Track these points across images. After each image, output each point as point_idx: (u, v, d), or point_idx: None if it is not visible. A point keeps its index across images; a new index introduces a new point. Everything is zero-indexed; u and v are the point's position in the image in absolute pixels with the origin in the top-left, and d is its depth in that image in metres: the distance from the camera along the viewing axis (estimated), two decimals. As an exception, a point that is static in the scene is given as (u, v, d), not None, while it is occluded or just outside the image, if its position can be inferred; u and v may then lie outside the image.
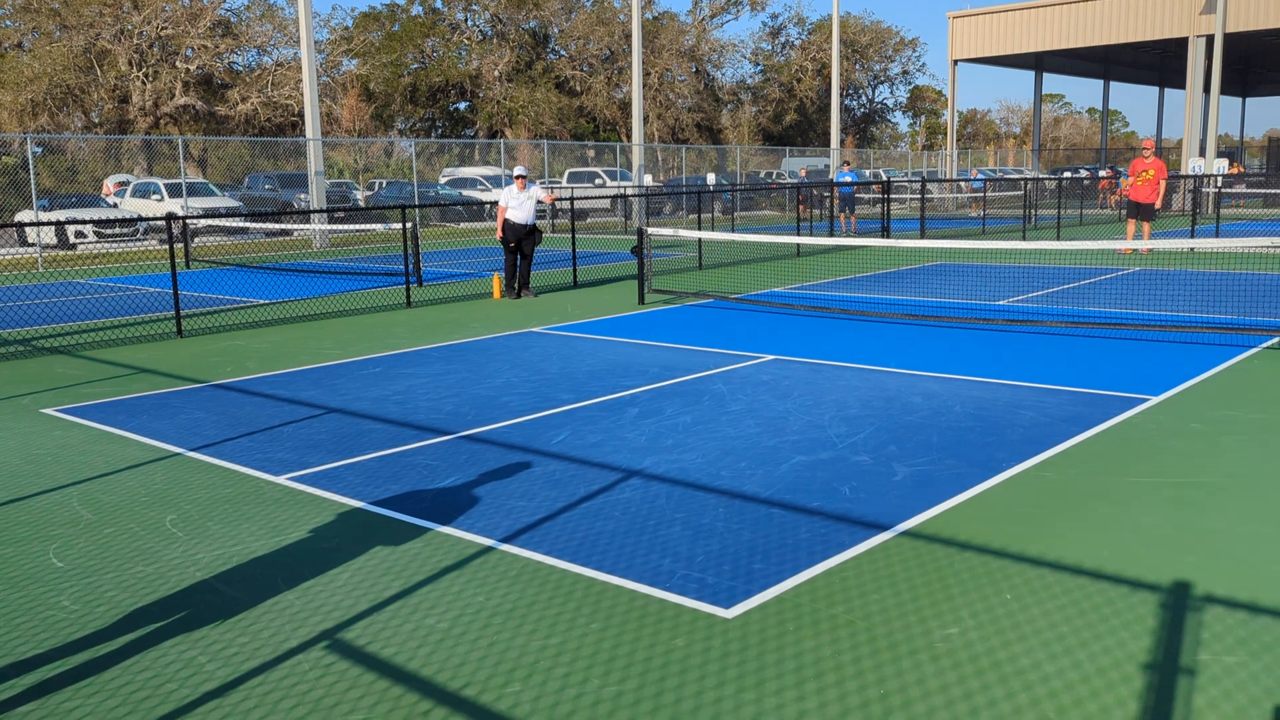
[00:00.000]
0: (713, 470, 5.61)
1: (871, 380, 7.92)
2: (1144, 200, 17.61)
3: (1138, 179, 17.58)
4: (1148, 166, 17.51)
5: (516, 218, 13.86)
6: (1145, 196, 17.58)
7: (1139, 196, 17.65)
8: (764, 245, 20.35)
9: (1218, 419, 6.53)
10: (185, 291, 14.89)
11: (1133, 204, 17.79)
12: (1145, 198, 17.59)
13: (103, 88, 36.11)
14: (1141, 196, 17.61)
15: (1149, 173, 17.49)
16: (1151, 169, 17.48)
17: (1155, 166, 17.51)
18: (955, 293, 13.23)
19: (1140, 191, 17.62)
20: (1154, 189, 17.47)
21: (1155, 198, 17.56)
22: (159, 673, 3.49)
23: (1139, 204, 17.67)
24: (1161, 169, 17.53)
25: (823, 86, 56.40)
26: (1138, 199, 17.69)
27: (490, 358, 9.30)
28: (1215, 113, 32.67)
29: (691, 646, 3.59)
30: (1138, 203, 17.69)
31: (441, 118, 53.30)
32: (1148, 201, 17.56)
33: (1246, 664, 3.37)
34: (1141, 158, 17.72)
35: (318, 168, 23.61)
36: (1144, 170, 17.53)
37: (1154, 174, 17.47)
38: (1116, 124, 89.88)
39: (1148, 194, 17.55)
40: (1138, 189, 17.63)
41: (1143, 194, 17.60)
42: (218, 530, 4.88)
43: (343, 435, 6.57)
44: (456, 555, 4.49)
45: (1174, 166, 51.91)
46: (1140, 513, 4.84)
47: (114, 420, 7.14)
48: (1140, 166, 17.60)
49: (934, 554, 4.37)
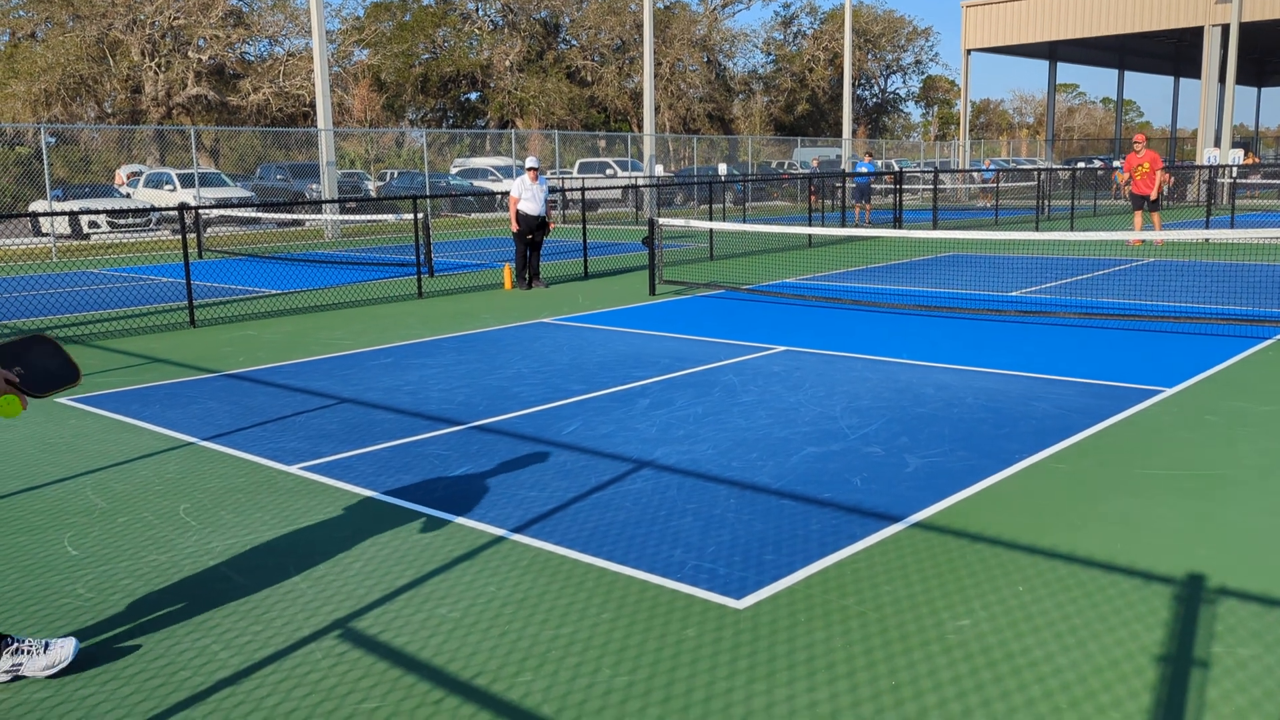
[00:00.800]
0: (724, 461, 5.61)
1: (883, 371, 7.89)
2: (1145, 193, 17.88)
3: (1135, 174, 17.86)
4: (1142, 160, 17.96)
5: (529, 209, 13.86)
6: (1146, 189, 17.84)
7: (1141, 190, 17.92)
8: (776, 236, 20.30)
9: (1232, 411, 6.49)
10: (198, 281, 14.95)
11: (1136, 198, 18.02)
12: (1146, 190, 17.86)
13: (115, 78, 36.21)
14: (1143, 190, 17.88)
15: (1145, 166, 17.94)
16: (1146, 162, 17.94)
17: (1150, 159, 17.96)
18: (968, 284, 13.17)
19: (1141, 186, 17.92)
20: (1151, 181, 17.73)
21: (1153, 189, 17.85)
22: (173, 660, 3.52)
23: (1142, 197, 17.91)
24: (1156, 160, 17.96)
25: (835, 76, 56.14)
26: (1140, 193, 17.96)
27: (501, 348, 9.31)
28: (1230, 103, 32.39)
29: (702, 637, 3.59)
30: (1141, 196, 17.94)
31: (453, 108, 53.27)
32: (1147, 193, 17.82)
33: (1260, 656, 3.35)
34: (1134, 152, 18.05)
35: (329, 158, 23.65)
36: (1139, 164, 17.92)
37: (1149, 166, 17.85)
38: (1131, 114, 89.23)
39: (1148, 187, 17.83)
40: (1138, 184, 17.93)
41: (1143, 187, 17.88)
42: (230, 519, 4.90)
43: (354, 425, 6.59)
44: (468, 545, 4.50)
45: (1189, 157, 51.52)
46: (1154, 505, 4.82)
47: (128, 410, 7.17)
48: (1135, 161, 18.05)
49: (946, 545, 4.36)
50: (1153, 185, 17.79)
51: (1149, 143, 18.63)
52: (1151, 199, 17.83)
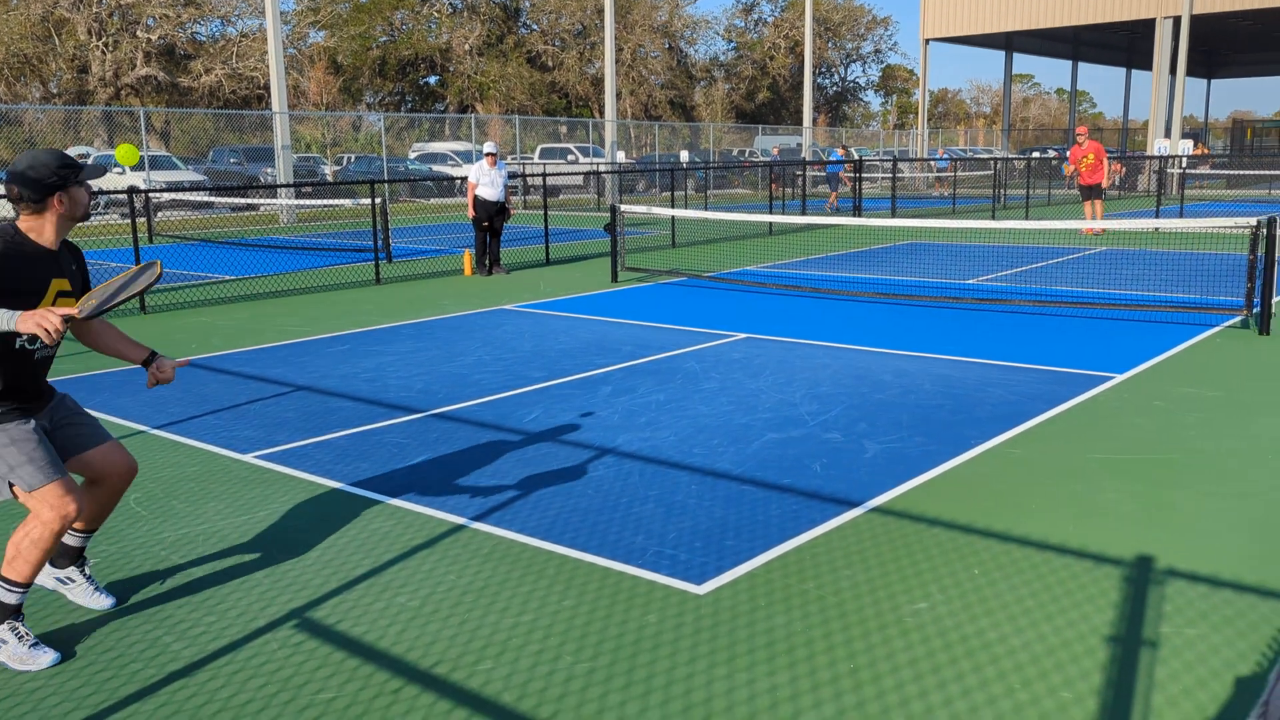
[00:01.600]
0: (685, 448, 5.62)
1: (843, 358, 7.95)
2: (1093, 183, 18.32)
3: (1080, 165, 18.28)
4: (1086, 152, 18.45)
5: (487, 195, 13.75)
6: (1095, 179, 18.29)
7: (1088, 180, 18.34)
8: (737, 223, 20.34)
9: (1180, 396, 6.62)
10: (149, 267, 14.63)
11: (1084, 188, 18.45)
12: (1095, 180, 18.32)
13: (61, 57, 35.30)
14: (1090, 180, 18.31)
15: (1089, 157, 18.41)
16: (1091, 153, 18.43)
17: (1093, 150, 18.45)
18: (926, 272, 13.30)
19: (1088, 176, 18.36)
20: (1099, 170, 18.22)
21: (1101, 178, 18.44)
22: (123, 653, 3.45)
23: (1089, 187, 18.34)
24: (1100, 151, 18.42)
25: (795, 64, 56.31)
26: (1087, 183, 18.38)
27: (462, 335, 9.24)
28: (1181, 94, 33.00)
29: (664, 623, 3.60)
30: (1089, 186, 18.37)
31: (411, 92, 52.64)
32: (1096, 183, 18.27)
33: (1207, 636, 3.43)
34: (1078, 144, 18.50)
35: (284, 142, 23.26)
36: (1084, 156, 18.39)
37: (1094, 158, 18.30)
38: (1085, 105, 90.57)
39: (1096, 176, 18.30)
40: (1085, 175, 18.33)
41: (1090, 178, 18.30)
42: (183, 509, 4.82)
43: (311, 413, 6.51)
44: (427, 534, 4.46)
45: (1140, 147, 52.42)
46: (1104, 489, 4.91)
47: (76, 397, 7.01)
48: (1080, 154, 18.51)
49: (903, 530, 4.41)
50: (1101, 174, 18.23)
51: (1092, 133, 19.17)
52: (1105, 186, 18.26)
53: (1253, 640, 3.41)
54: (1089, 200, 18.43)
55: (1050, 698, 3.08)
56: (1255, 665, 3.25)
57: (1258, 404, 6.43)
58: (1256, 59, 54.33)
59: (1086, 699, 3.08)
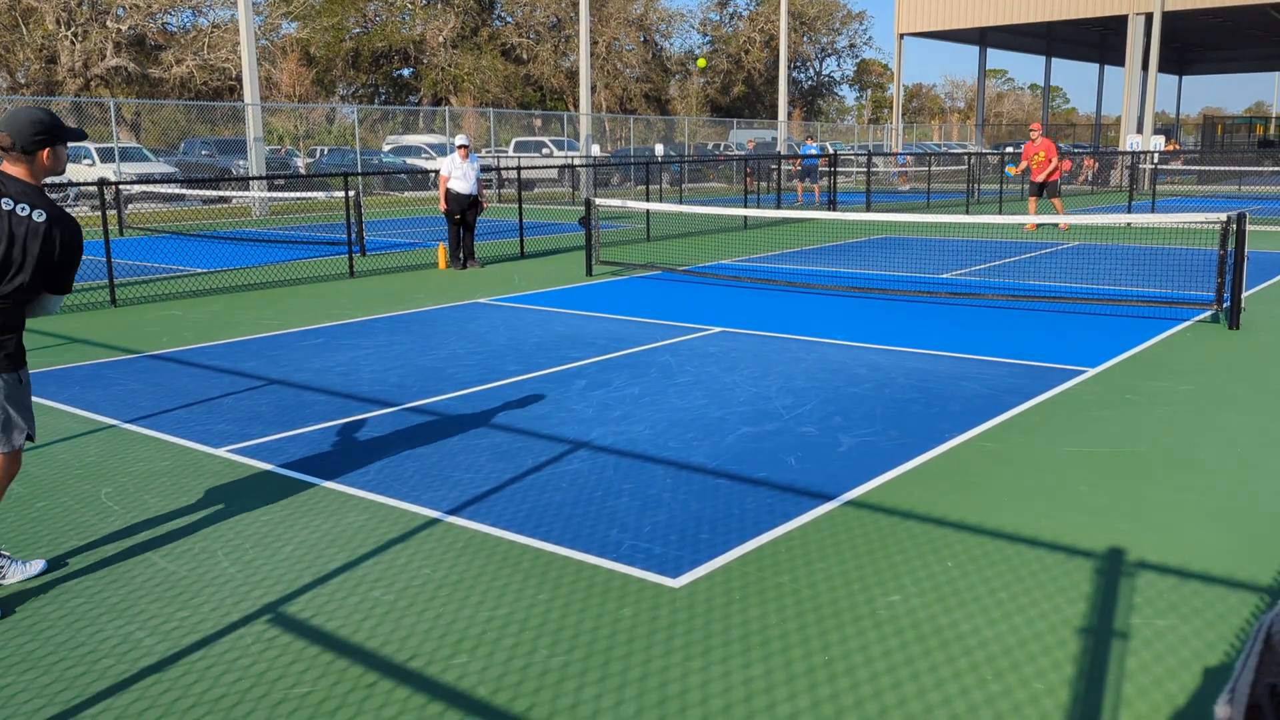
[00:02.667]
0: (660, 441, 5.63)
1: (817, 352, 7.98)
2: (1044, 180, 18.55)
3: (1031, 162, 18.52)
4: (1038, 149, 18.60)
5: (460, 188, 13.68)
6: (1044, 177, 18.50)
7: (1038, 178, 18.57)
8: (712, 217, 20.36)
9: (1151, 390, 6.71)
10: (119, 260, 14.45)
11: (1035, 185, 18.69)
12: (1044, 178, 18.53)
13: (29, 47, 34.72)
14: (1040, 177, 18.53)
15: (1040, 155, 18.60)
16: (1041, 151, 18.62)
17: (1045, 148, 18.63)
18: (899, 266, 13.38)
19: (1037, 173, 18.56)
20: (1045, 168, 18.40)
21: (1054, 175, 18.63)
22: (95, 648, 3.41)
23: (1040, 184, 18.59)
24: (1051, 149, 18.63)
25: (770, 58, 56.38)
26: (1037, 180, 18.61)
27: (436, 329, 9.19)
28: (1153, 90, 33.37)
29: (639, 616, 3.60)
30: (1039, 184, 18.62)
31: (385, 84, 52.24)
32: (1049, 180, 18.50)
33: (1177, 627, 3.48)
34: (1031, 141, 18.70)
35: (256, 134, 23.02)
36: (1036, 153, 18.63)
37: (1044, 155, 18.53)
38: (1058, 100, 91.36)
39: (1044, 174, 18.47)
40: (1035, 172, 18.56)
41: (1039, 175, 18.53)
42: (155, 503, 4.77)
43: (284, 407, 6.45)
44: (402, 527, 4.44)
45: (1112, 143, 52.90)
46: (1076, 481, 4.96)
47: (45, 392, 6.92)
48: (1032, 150, 18.72)
49: (877, 523, 4.44)
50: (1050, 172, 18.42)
51: (1065, 128, 19.38)
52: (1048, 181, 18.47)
53: (1221, 630, 3.46)
54: (1035, 197, 18.64)
55: (1022, 688, 3.12)
56: (1223, 655, 3.30)
57: (1227, 397, 6.52)
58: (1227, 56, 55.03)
59: (1058, 689, 3.11)
